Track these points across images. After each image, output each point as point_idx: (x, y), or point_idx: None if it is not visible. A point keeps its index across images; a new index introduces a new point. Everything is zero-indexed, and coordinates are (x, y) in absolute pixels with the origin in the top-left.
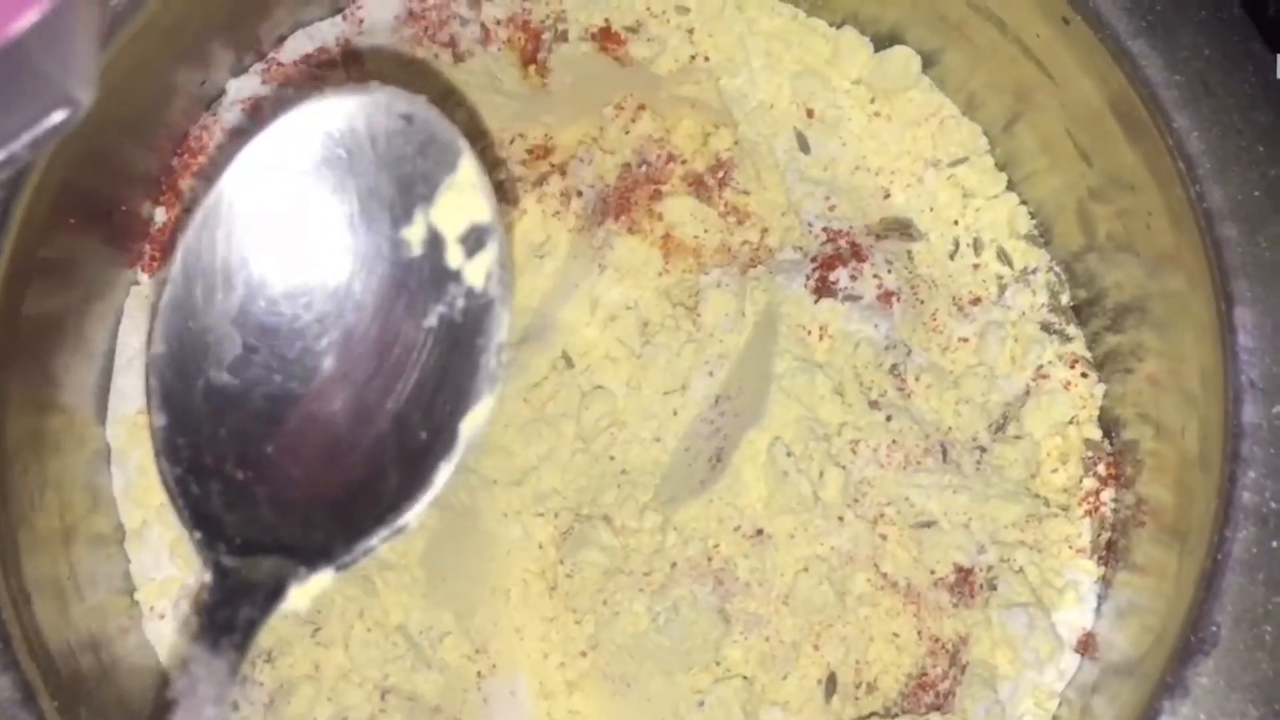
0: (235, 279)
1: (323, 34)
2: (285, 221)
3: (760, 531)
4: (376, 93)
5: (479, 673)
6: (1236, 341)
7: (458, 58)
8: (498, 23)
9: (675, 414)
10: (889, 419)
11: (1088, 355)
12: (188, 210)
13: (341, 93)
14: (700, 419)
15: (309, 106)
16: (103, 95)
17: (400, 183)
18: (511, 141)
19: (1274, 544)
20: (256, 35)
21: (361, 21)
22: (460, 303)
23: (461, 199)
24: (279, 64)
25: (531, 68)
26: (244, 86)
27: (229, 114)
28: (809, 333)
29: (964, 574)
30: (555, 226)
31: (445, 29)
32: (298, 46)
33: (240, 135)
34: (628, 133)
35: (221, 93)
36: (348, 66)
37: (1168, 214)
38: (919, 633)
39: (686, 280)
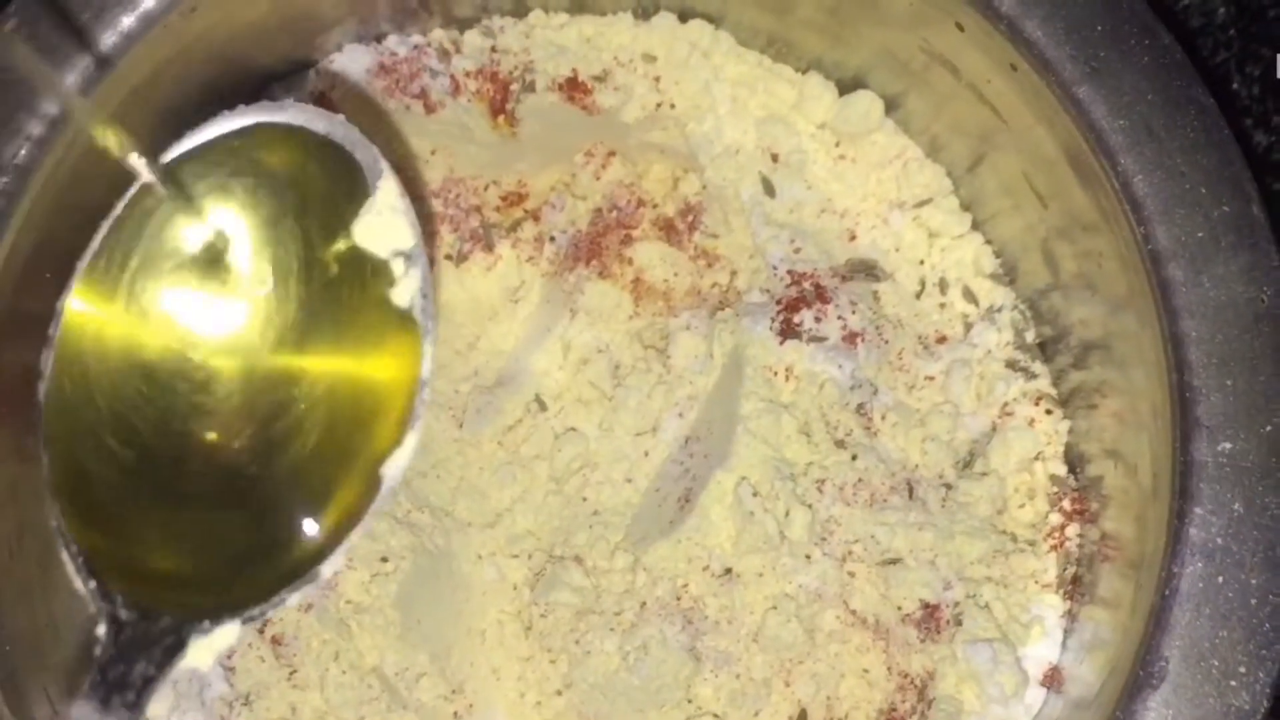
0: (135, 306)
1: (295, 87)
2: (195, 241)
3: (729, 571)
4: (291, 109)
5: (455, 713)
6: (1184, 380)
7: (429, 109)
8: (467, 74)
9: (646, 455)
10: (855, 458)
11: (1053, 392)
12: None
13: (255, 110)
14: (670, 460)
15: (221, 123)
16: (79, 151)
17: (318, 204)
18: (485, 189)
19: (1220, 579)
20: (230, 91)
21: (334, 75)
22: (381, 333)
23: (382, 222)
24: None
25: (500, 118)
26: None
27: None
28: (775, 374)
29: (930, 610)
30: (529, 272)
31: (416, 81)
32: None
33: None
34: (598, 179)
35: None
36: None
37: (1118, 255)
38: (888, 668)
39: (657, 323)
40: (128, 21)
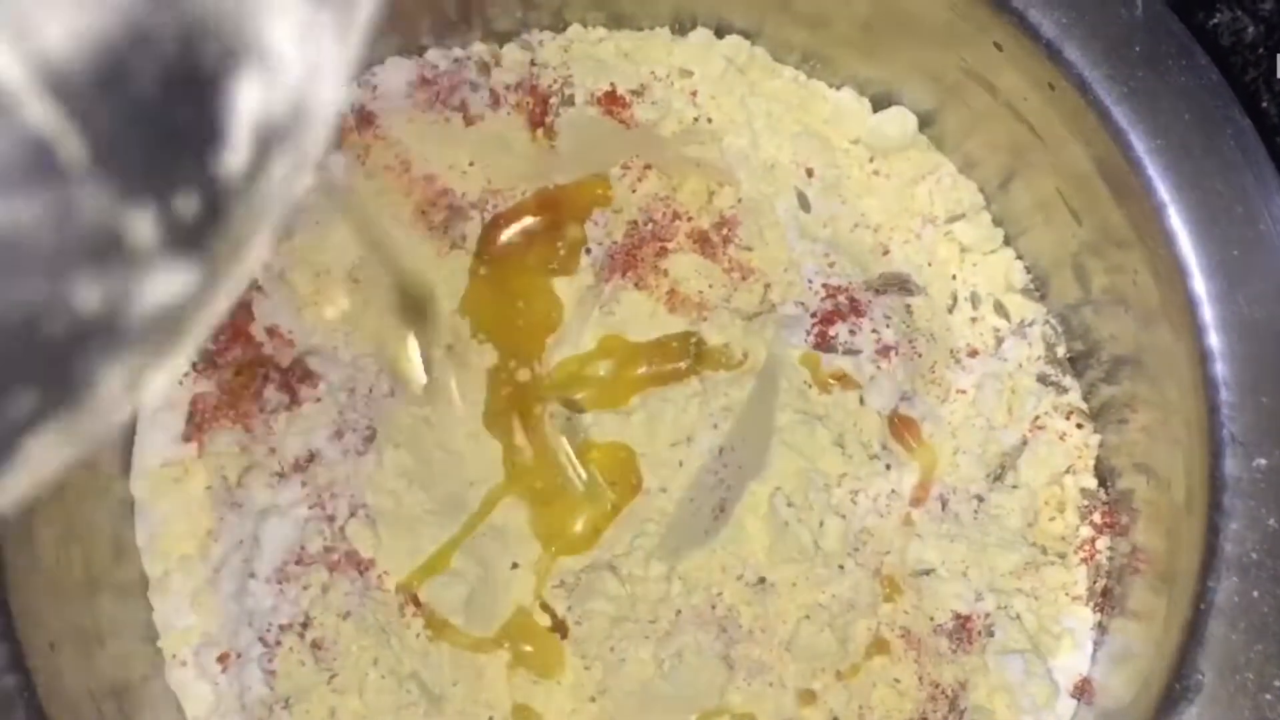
0: None
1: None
2: None
3: (763, 580)
4: None
5: (491, 719)
6: (1218, 396)
7: (469, 121)
8: (507, 88)
9: (681, 465)
10: (889, 468)
11: (1083, 406)
12: None
13: None
14: (705, 470)
15: None
16: None
17: None
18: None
19: (1255, 594)
20: None
21: (375, 87)
22: None
23: None
24: None
25: (539, 130)
26: None
27: None
28: (809, 386)
29: (962, 621)
30: (564, 283)
31: (456, 94)
32: None
33: None
34: (634, 191)
35: None
36: (361, 130)
37: (1152, 272)
38: (920, 679)
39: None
40: None
